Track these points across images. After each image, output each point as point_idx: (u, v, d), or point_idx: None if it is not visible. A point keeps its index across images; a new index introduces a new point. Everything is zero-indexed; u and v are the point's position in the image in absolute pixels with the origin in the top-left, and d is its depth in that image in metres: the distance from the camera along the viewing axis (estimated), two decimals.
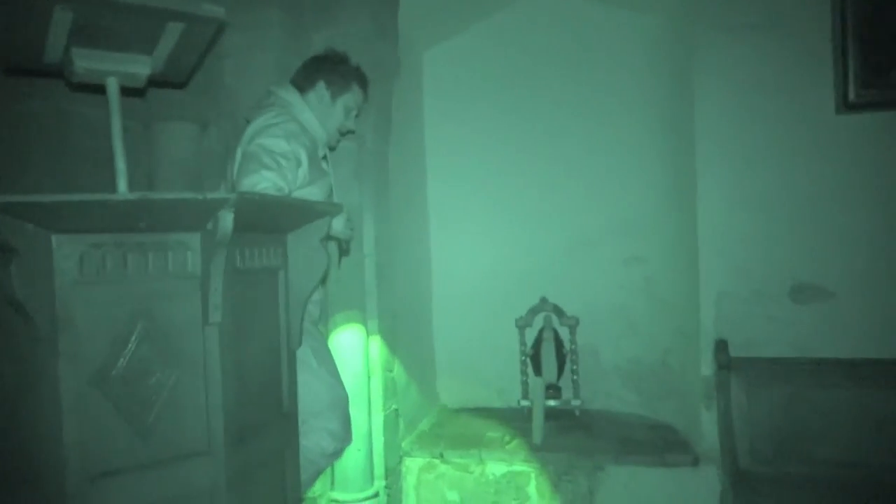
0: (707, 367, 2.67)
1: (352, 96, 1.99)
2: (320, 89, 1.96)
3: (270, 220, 1.57)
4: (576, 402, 3.22)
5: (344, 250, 1.94)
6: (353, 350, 2.58)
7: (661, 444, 2.85)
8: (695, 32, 2.70)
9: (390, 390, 2.81)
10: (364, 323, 2.63)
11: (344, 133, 2.03)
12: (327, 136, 1.99)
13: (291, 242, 1.75)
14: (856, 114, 2.53)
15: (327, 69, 1.99)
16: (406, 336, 3.06)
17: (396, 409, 2.87)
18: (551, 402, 3.19)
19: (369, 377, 2.66)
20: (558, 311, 3.32)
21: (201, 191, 1.29)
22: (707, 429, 2.66)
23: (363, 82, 2.03)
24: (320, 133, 1.96)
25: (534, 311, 3.35)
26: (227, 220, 1.30)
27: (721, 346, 2.60)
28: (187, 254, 1.40)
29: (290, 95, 1.95)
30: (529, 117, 3.46)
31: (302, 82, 1.99)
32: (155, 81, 1.57)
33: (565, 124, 3.43)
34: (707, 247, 2.71)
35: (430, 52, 3.56)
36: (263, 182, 1.72)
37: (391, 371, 2.84)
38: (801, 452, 2.42)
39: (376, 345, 2.69)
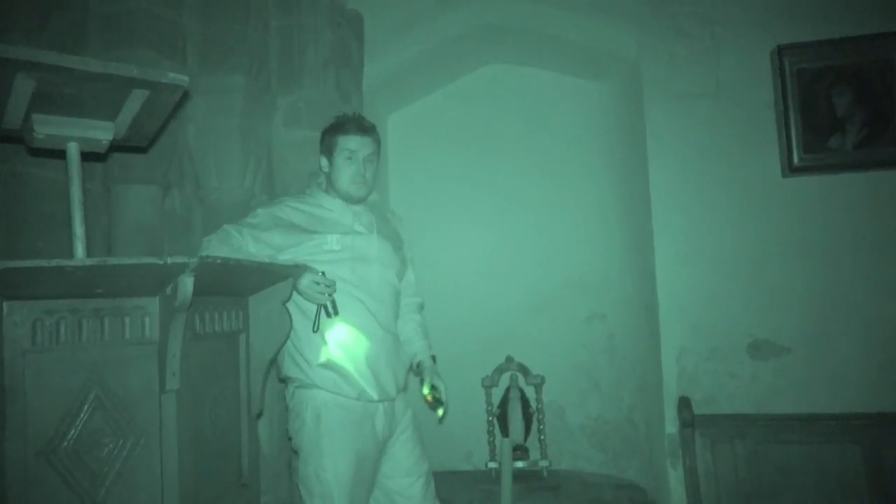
0: (671, 425, 2.68)
1: (341, 147, 2.00)
2: (324, 165, 2.06)
3: (231, 283, 1.55)
4: (543, 463, 3.18)
5: (328, 313, 1.90)
6: None
7: None
8: (645, 100, 2.84)
9: None
10: None
11: (358, 181, 2.00)
12: (346, 194, 2.01)
13: (253, 305, 1.74)
14: (801, 177, 2.66)
15: (320, 146, 2.09)
16: None
17: None
18: (519, 464, 3.14)
19: None
20: (524, 370, 3.32)
21: (161, 255, 1.28)
22: (674, 487, 2.65)
23: (347, 127, 2.01)
24: (335, 204, 2.02)
25: (499, 371, 3.34)
26: (186, 284, 1.29)
27: (684, 403, 2.63)
28: (145, 319, 1.37)
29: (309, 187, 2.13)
30: (491, 179, 3.54)
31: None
32: (116, 145, 1.57)
33: (526, 185, 3.51)
34: (666, 304, 2.77)
35: (393, 115, 3.64)
36: (205, 246, 1.87)
37: None
38: None
39: None
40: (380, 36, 3.00)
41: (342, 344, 1.91)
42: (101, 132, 1.43)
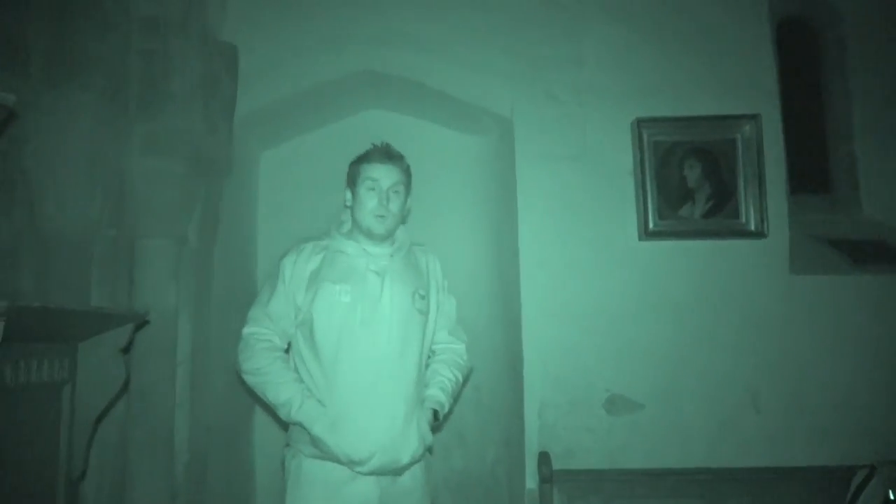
0: (531, 480, 2.69)
1: (363, 177, 1.91)
2: (347, 199, 1.95)
3: (55, 328, 1.37)
4: None
5: None
6: (153, 471, 2.28)
7: None
8: (517, 158, 2.93)
9: None
10: (171, 440, 2.36)
11: (381, 213, 1.88)
12: (367, 229, 1.89)
13: (83, 353, 1.54)
14: (655, 241, 2.83)
15: (347, 179, 1.98)
16: (220, 454, 2.78)
17: None
18: None
19: (173, 500, 2.35)
20: None
21: None
22: None
23: (371, 155, 1.95)
24: (351, 247, 1.89)
25: None
26: None
27: (544, 458, 2.65)
28: None
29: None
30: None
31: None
32: None
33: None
34: (530, 357, 2.81)
35: (267, 152, 3.50)
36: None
37: (199, 493, 2.54)
38: None
39: (183, 465, 2.41)
40: (255, 70, 2.89)
41: (331, 416, 1.77)
42: None
